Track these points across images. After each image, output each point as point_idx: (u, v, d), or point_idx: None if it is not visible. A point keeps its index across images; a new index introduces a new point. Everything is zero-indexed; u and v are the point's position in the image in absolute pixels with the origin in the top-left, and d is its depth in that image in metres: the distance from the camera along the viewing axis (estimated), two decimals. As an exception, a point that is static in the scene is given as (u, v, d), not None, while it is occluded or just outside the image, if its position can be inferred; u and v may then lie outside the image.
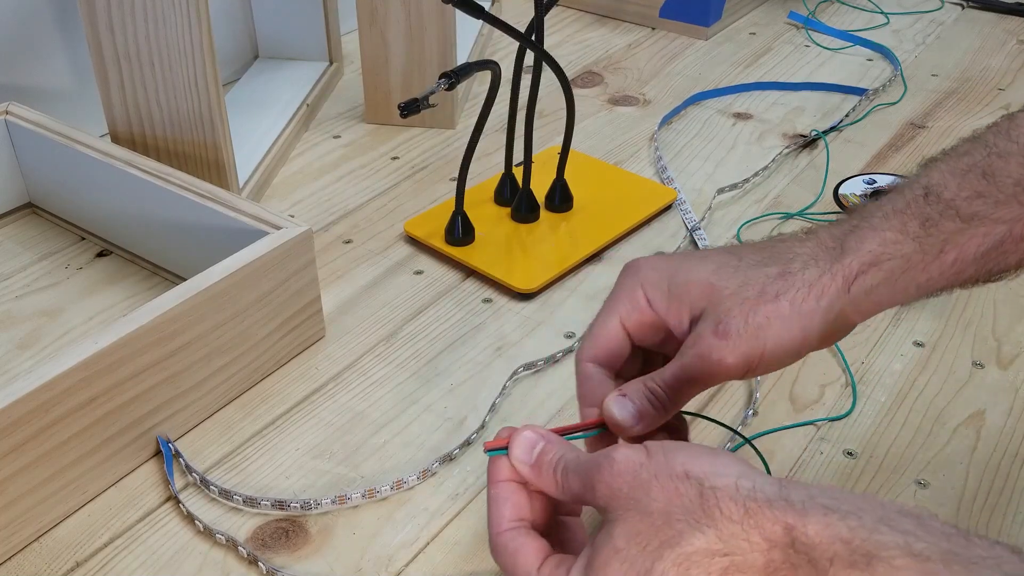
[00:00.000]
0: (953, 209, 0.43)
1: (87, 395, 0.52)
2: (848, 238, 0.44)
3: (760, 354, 0.42)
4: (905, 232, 0.43)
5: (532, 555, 0.39)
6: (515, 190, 0.80)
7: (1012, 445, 0.59)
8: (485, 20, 0.67)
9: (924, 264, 0.43)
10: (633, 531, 0.35)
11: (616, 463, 0.37)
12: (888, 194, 0.46)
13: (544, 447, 0.41)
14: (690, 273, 0.45)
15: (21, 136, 0.76)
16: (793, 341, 0.43)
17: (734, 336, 0.42)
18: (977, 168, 0.44)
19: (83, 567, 0.52)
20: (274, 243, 0.61)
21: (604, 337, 0.46)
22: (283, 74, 1.02)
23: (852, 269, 0.43)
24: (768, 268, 0.44)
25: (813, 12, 1.24)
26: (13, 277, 0.74)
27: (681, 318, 0.45)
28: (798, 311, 0.43)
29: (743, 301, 0.43)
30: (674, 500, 0.35)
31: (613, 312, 0.46)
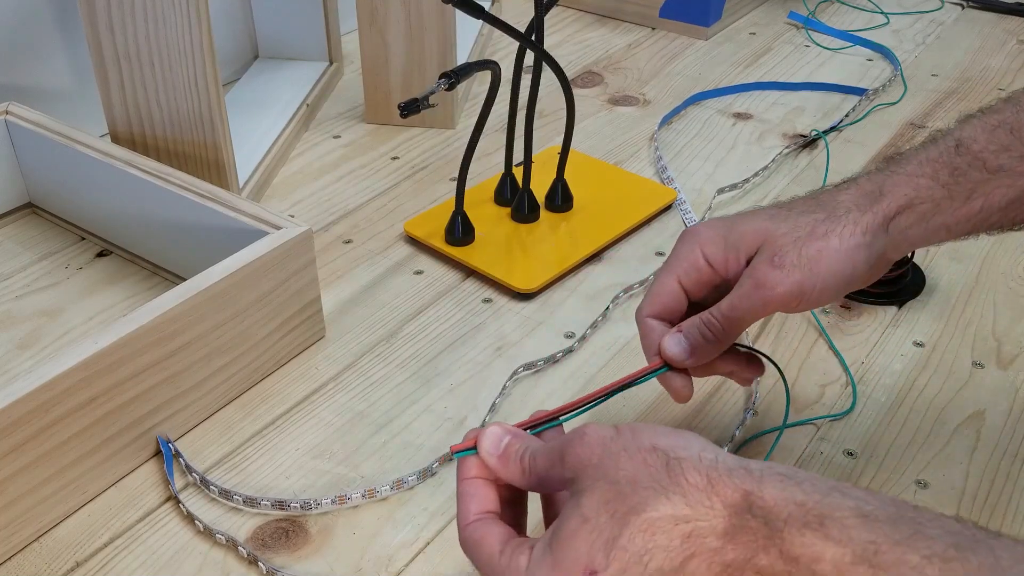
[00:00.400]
0: (981, 161, 0.48)
1: (87, 395, 0.52)
2: (886, 182, 0.49)
3: (812, 285, 0.46)
4: (936, 179, 0.48)
5: (495, 540, 0.40)
6: (515, 190, 0.80)
7: (1012, 445, 0.59)
8: (485, 20, 0.67)
9: (953, 209, 0.48)
10: (601, 500, 0.36)
11: (586, 436, 0.39)
12: (926, 143, 0.50)
13: (510, 440, 0.42)
14: (744, 224, 0.49)
15: (21, 136, 0.76)
16: (843, 273, 0.47)
17: (789, 267, 0.46)
18: (1006, 124, 0.48)
19: (83, 567, 0.52)
20: (274, 243, 0.61)
21: (662, 294, 0.50)
22: (283, 74, 1.02)
23: (891, 209, 0.48)
24: (816, 214, 0.48)
25: (813, 12, 1.24)
26: (13, 277, 0.74)
27: (739, 263, 0.49)
28: (847, 245, 0.47)
29: (796, 239, 0.47)
30: (641, 469, 0.37)
31: (671, 272, 0.50)
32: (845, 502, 0.34)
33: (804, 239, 0.47)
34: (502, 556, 0.39)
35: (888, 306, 0.71)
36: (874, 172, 0.50)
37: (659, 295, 0.51)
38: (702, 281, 0.50)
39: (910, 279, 0.73)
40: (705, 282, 0.50)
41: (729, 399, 0.63)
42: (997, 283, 0.74)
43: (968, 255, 0.77)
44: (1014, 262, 0.76)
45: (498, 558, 0.39)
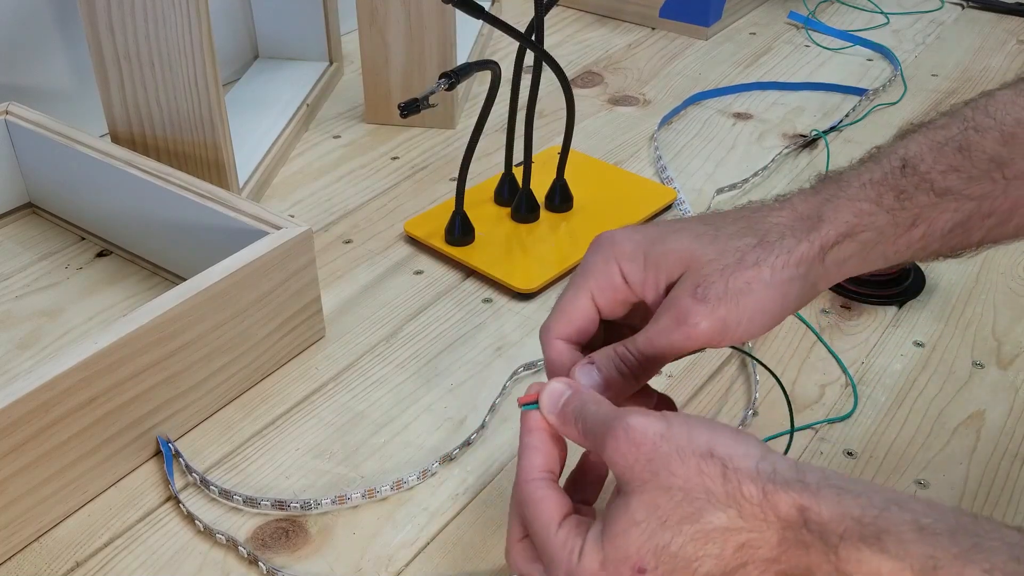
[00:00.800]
0: (928, 183, 0.44)
1: (87, 395, 0.52)
2: (825, 207, 0.44)
3: (737, 320, 0.42)
4: (880, 204, 0.44)
5: (555, 509, 0.40)
6: (515, 190, 0.80)
7: (1012, 445, 0.59)
8: (485, 20, 0.67)
9: (895, 237, 0.44)
10: (652, 504, 0.36)
11: (632, 431, 0.37)
12: (867, 162, 0.46)
13: (569, 396, 0.41)
14: (667, 243, 0.44)
15: (21, 136, 0.76)
16: (772, 308, 0.43)
17: (713, 300, 0.42)
18: (954, 142, 0.44)
19: (83, 567, 0.52)
20: (274, 243, 0.61)
21: (573, 314, 0.45)
22: (283, 74, 1.02)
23: (829, 238, 0.43)
24: (746, 238, 0.43)
25: (813, 12, 1.24)
26: (13, 277, 0.74)
27: (658, 288, 0.44)
28: (779, 278, 0.42)
29: (723, 267, 0.42)
30: (695, 478, 0.36)
31: (583, 288, 0.45)
32: (903, 516, 0.34)
33: (732, 268, 0.42)
34: (559, 531, 0.39)
35: (888, 306, 0.71)
36: (810, 192, 0.46)
37: (570, 314, 0.45)
38: (617, 300, 0.45)
39: (910, 279, 0.73)
40: (620, 300, 0.45)
41: (729, 399, 0.63)
42: (997, 283, 0.74)
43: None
44: (1014, 262, 0.76)
45: (555, 531, 0.39)
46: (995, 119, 0.45)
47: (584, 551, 0.38)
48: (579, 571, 0.38)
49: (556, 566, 0.39)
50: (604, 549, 0.37)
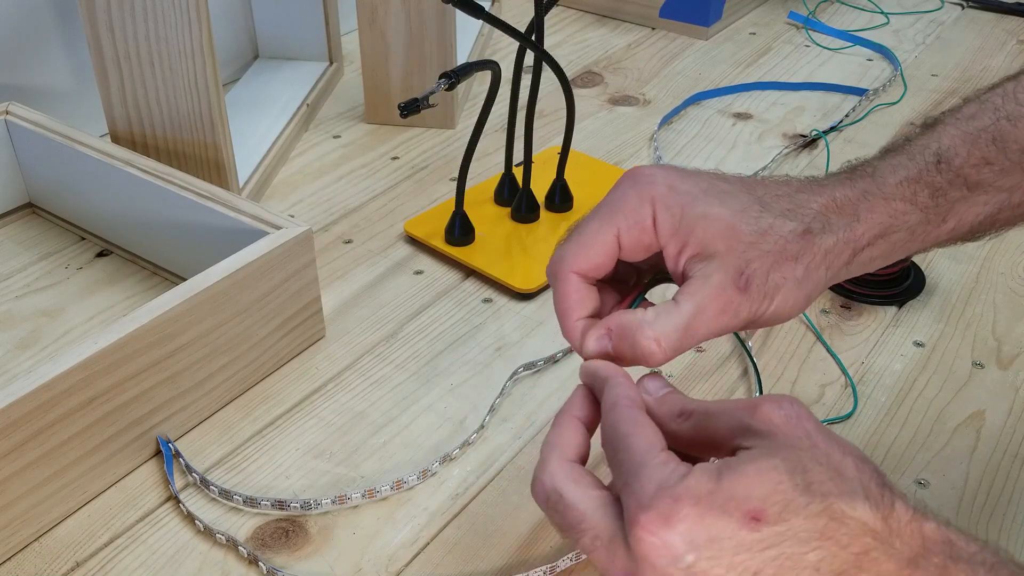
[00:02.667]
0: (962, 178, 0.43)
1: (87, 395, 0.52)
2: (861, 205, 0.42)
3: (763, 314, 0.41)
4: (915, 203, 0.43)
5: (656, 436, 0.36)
6: (515, 190, 0.80)
7: (1012, 445, 0.59)
8: (485, 20, 0.67)
9: (925, 234, 0.43)
10: (800, 465, 0.33)
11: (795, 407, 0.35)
12: (898, 154, 0.44)
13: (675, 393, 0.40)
14: (710, 207, 0.41)
15: (21, 136, 0.76)
16: (795, 307, 0.41)
17: (753, 293, 0.40)
18: (987, 133, 0.44)
19: (83, 567, 0.52)
20: (274, 243, 0.61)
21: (595, 247, 0.42)
22: (283, 74, 1.02)
23: (862, 242, 0.42)
24: (791, 223, 0.41)
25: (813, 12, 1.24)
26: (13, 277, 0.74)
27: (683, 251, 0.41)
28: (810, 278, 0.41)
29: (764, 254, 0.40)
30: (851, 468, 0.34)
31: (610, 223, 0.42)
32: None
33: (773, 257, 0.40)
34: (660, 453, 0.35)
35: (888, 306, 0.71)
36: (846, 180, 0.44)
37: (591, 247, 0.42)
38: (642, 243, 0.42)
39: (910, 279, 0.73)
40: (644, 245, 0.42)
41: (730, 399, 0.63)
42: (997, 283, 0.74)
43: (968, 255, 0.77)
44: (1014, 262, 0.76)
45: (654, 452, 0.35)
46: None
47: (692, 473, 0.34)
48: (678, 487, 0.33)
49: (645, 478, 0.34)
50: (722, 479, 0.33)
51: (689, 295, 0.40)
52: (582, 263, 0.42)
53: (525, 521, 0.54)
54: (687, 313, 0.40)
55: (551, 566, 0.51)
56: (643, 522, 0.33)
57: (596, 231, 0.42)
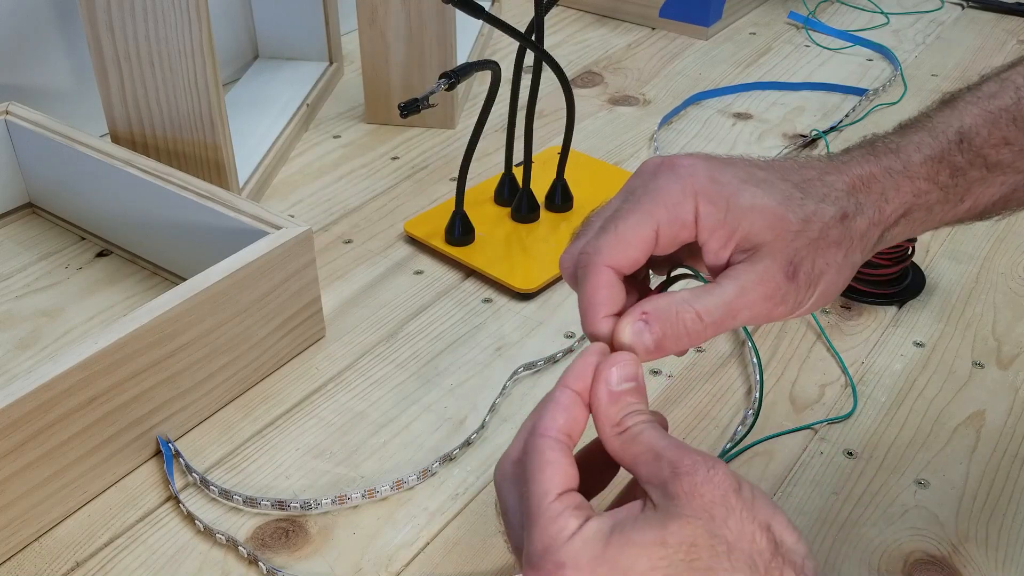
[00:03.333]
0: (982, 158, 0.43)
1: (87, 395, 0.52)
2: (887, 183, 0.42)
3: (806, 302, 0.41)
4: (935, 182, 0.43)
5: (560, 477, 0.35)
6: (515, 190, 0.80)
7: (1012, 445, 0.59)
8: (485, 20, 0.67)
9: (943, 213, 0.44)
10: (691, 539, 0.33)
11: (716, 473, 0.34)
12: (919, 131, 0.44)
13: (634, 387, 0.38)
14: (755, 198, 0.39)
15: (21, 136, 0.76)
16: (834, 292, 0.41)
17: (801, 281, 0.39)
18: (1008, 113, 0.43)
19: (83, 567, 0.52)
20: (274, 243, 0.61)
21: (633, 241, 0.39)
22: (283, 74, 1.02)
23: (889, 221, 0.42)
24: (830, 207, 0.41)
25: (813, 12, 1.24)
26: (13, 277, 0.74)
27: (727, 244, 0.40)
28: (848, 263, 0.41)
29: (810, 242, 0.40)
30: (746, 542, 0.34)
31: (650, 216, 0.39)
32: None
33: (816, 243, 0.40)
34: (555, 502, 0.35)
35: (888, 306, 0.71)
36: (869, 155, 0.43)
37: (629, 241, 0.39)
38: (679, 239, 0.40)
39: (910, 279, 0.73)
40: (680, 241, 0.40)
41: (730, 399, 0.63)
42: (997, 283, 0.74)
43: (968, 255, 0.77)
44: (1014, 262, 0.76)
45: (549, 500, 0.35)
46: None
47: (579, 535, 0.34)
48: (562, 552, 0.34)
49: (536, 532, 0.34)
50: (608, 548, 0.33)
51: (732, 277, 0.39)
52: (619, 258, 0.40)
53: (525, 521, 0.54)
54: (731, 292, 0.39)
55: (551, 566, 0.51)
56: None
57: (636, 225, 0.39)
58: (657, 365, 0.66)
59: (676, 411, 0.62)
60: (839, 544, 0.53)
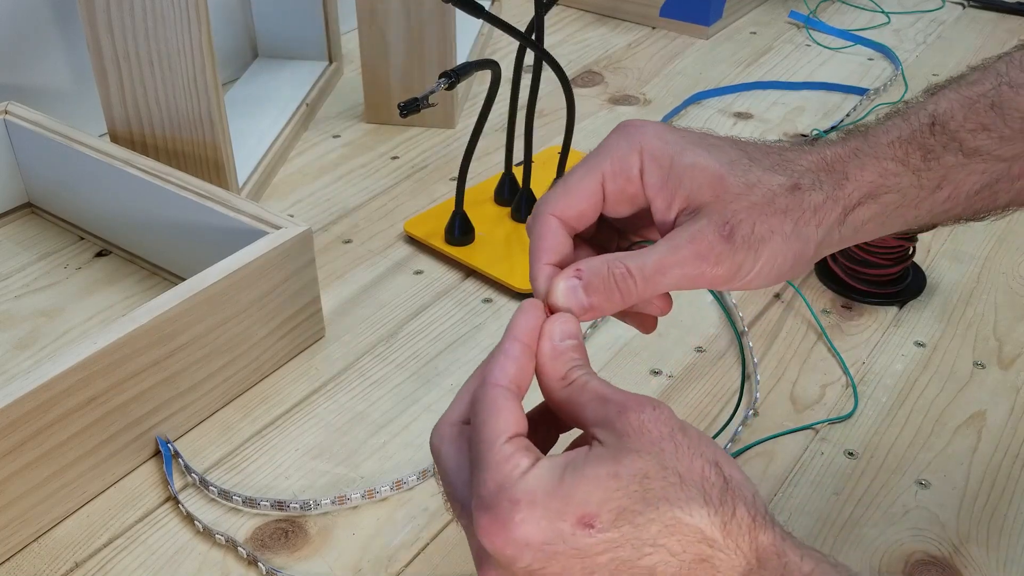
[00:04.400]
0: (957, 142, 0.42)
1: (86, 395, 0.52)
2: (851, 163, 0.41)
3: (748, 270, 0.40)
4: (906, 164, 0.42)
5: (511, 422, 0.35)
6: (515, 190, 0.80)
7: (1013, 445, 0.59)
8: (485, 19, 0.67)
9: (918, 200, 0.42)
10: (642, 471, 0.33)
11: (661, 409, 0.35)
12: (894, 117, 0.44)
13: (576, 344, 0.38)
14: (698, 158, 0.40)
15: (20, 136, 0.76)
16: (783, 264, 0.40)
17: (738, 243, 0.39)
18: (986, 98, 0.42)
19: (82, 567, 0.52)
20: (273, 243, 0.61)
21: (578, 193, 0.41)
22: (283, 73, 1.02)
23: (852, 200, 0.41)
24: (779, 176, 0.40)
25: (814, 11, 1.24)
26: (12, 277, 0.74)
27: (671, 204, 0.40)
28: (800, 235, 0.40)
29: (752, 205, 0.39)
30: (697, 474, 0.34)
31: (595, 169, 0.41)
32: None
33: (760, 208, 0.39)
34: (507, 444, 0.34)
35: (889, 306, 0.71)
36: (838, 141, 0.43)
37: (574, 193, 0.41)
38: (626, 194, 0.41)
39: (911, 279, 0.73)
40: (628, 196, 0.41)
41: (731, 399, 0.63)
42: (998, 283, 0.74)
43: (969, 255, 0.77)
44: (1015, 263, 0.76)
45: (499, 444, 0.34)
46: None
47: (532, 472, 0.34)
48: (516, 488, 0.33)
49: (488, 473, 0.34)
50: (562, 482, 0.33)
51: (668, 237, 0.40)
52: (563, 208, 0.41)
53: (525, 522, 0.54)
54: (663, 249, 0.39)
55: (551, 567, 0.51)
56: (483, 524, 0.34)
57: (582, 177, 0.41)
58: (657, 365, 0.66)
59: (676, 411, 0.62)
60: (840, 544, 0.53)
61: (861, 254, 0.70)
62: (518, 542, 0.33)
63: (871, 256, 0.70)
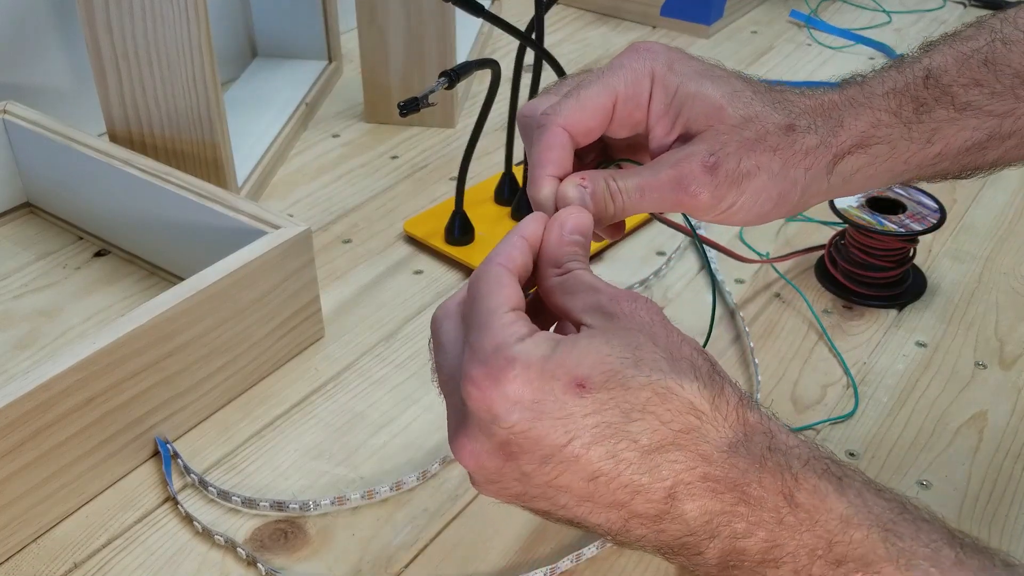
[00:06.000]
0: (949, 96, 0.42)
1: (85, 395, 0.52)
2: (846, 110, 0.42)
3: (731, 203, 0.41)
4: (899, 116, 0.42)
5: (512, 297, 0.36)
6: (515, 190, 0.80)
7: (1015, 445, 0.59)
8: (485, 18, 0.67)
9: (909, 153, 0.43)
10: (634, 343, 0.34)
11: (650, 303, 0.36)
12: (890, 70, 0.44)
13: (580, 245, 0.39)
14: (702, 87, 0.41)
15: (19, 135, 0.76)
16: (767, 201, 0.41)
17: (722, 176, 0.40)
18: (979, 54, 0.43)
19: (81, 568, 0.51)
20: (273, 243, 0.61)
21: (591, 108, 0.41)
22: (282, 73, 1.02)
23: (843, 147, 0.42)
24: (778, 114, 0.41)
25: (815, 10, 1.24)
26: (11, 277, 0.73)
27: (670, 132, 0.42)
28: (785, 174, 0.41)
29: (743, 140, 0.40)
30: (686, 353, 0.35)
31: (611, 89, 0.41)
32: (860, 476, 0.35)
33: (751, 144, 0.40)
34: (508, 313, 0.35)
35: (889, 309, 0.71)
36: (834, 89, 0.44)
37: (587, 107, 0.41)
38: (632, 117, 0.42)
39: (911, 281, 0.72)
40: (633, 120, 0.42)
41: (730, 399, 0.63)
42: (1000, 283, 0.74)
43: (971, 255, 0.77)
44: (1017, 262, 0.76)
45: (503, 311, 0.35)
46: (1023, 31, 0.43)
47: (530, 339, 0.34)
48: (514, 349, 0.34)
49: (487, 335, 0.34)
50: (557, 348, 0.34)
51: (654, 162, 0.41)
52: (575, 121, 0.41)
53: (525, 522, 0.54)
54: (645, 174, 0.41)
55: (552, 567, 0.51)
56: (474, 376, 0.34)
57: (597, 94, 0.41)
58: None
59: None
60: (841, 545, 0.53)
61: (861, 256, 0.70)
62: (509, 397, 0.33)
63: (871, 258, 0.70)
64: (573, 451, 0.33)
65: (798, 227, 0.81)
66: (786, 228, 0.80)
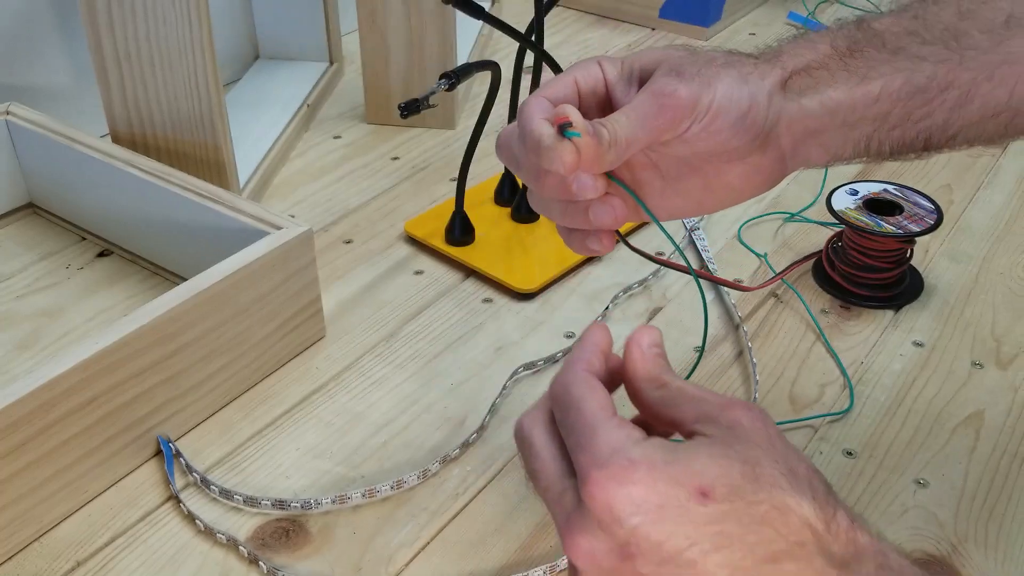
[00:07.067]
0: (880, 38, 0.45)
1: (87, 395, 0.52)
2: (784, 46, 0.46)
3: (710, 99, 0.43)
4: (834, 47, 0.45)
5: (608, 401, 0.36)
6: (515, 190, 0.80)
7: (1011, 445, 0.59)
8: (485, 20, 0.67)
9: (851, 86, 0.44)
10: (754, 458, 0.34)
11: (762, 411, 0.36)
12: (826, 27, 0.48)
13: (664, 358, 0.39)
14: (648, 53, 0.46)
15: (22, 136, 0.76)
16: (740, 100, 0.43)
17: (688, 77, 0.43)
18: (911, 10, 0.46)
19: (84, 567, 0.52)
20: (274, 243, 0.61)
21: (559, 85, 0.46)
22: (283, 74, 1.02)
23: (787, 68, 0.44)
24: (719, 55, 0.45)
25: (813, 12, 1.24)
26: (14, 277, 0.74)
27: (628, 88, 0.45)
28: (745, 80, 0.43)
29: (694, 60, 0.44)
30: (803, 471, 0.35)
31: (569, 74, 0.46)
32: None
33: (703, 62, 0.44)
34: (612, 419, 0.35)
35: (885, 310, 0.71)
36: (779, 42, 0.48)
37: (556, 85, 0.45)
38: (596, 93, 0.46)
39: (908, 283, 0.73)
40: (598, 100, 0.46)
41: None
42: (996, 284, 0.74)
43: (968, 255, 0.77)
44: (1013, 262, 0.76)
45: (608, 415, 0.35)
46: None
47: (647, 443, 0.34)
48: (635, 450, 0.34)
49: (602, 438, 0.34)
50: (677, 454, 0.34)
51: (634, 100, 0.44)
52: (548, 91, 0.45)
53: (525, 521, 0.54)
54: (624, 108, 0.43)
55: (551, 566, 0.51)
56: (596, 479, 0.33)
57: (560, 77, 0.46)
58: (657, 365, 0.66)
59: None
60: (838, 544, 0.53)
61: (859, 257, 0.70)
62: (633, 499, 0.33)
63: (869, 259, 0.70)
64: (692, 557, 0.33)
65: (796, 228, 0.81)
66: (784, 229, 0.81)
